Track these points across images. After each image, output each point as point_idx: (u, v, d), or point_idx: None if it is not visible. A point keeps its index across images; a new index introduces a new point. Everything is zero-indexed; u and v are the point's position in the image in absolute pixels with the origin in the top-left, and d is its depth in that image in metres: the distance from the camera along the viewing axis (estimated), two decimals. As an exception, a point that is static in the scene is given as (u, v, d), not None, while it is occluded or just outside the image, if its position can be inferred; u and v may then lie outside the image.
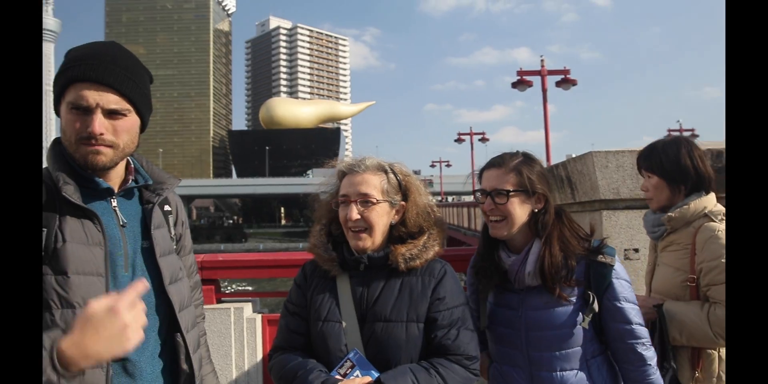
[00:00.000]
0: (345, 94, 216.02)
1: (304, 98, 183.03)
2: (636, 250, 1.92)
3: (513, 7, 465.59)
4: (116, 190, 1.58)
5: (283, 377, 1.81)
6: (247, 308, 3.53)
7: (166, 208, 1.73)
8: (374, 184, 1.88)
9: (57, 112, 1.52)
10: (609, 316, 1.89)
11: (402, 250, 1.86)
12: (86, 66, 1.44)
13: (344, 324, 1.83)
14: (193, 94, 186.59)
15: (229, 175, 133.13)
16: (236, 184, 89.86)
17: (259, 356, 3.45)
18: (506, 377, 1.98)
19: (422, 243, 1.89)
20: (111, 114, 1.47)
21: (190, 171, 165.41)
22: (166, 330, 1.61)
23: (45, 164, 1.49)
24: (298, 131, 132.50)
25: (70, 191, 1.45)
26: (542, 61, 19.18)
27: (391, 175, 1.92)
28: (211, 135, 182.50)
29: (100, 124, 1.45)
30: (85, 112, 1.45)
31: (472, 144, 33.70)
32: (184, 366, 1.62)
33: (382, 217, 1.88)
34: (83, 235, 1.45)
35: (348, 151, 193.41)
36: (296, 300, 1.98)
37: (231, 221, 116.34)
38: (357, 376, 1.73)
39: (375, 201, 1.86)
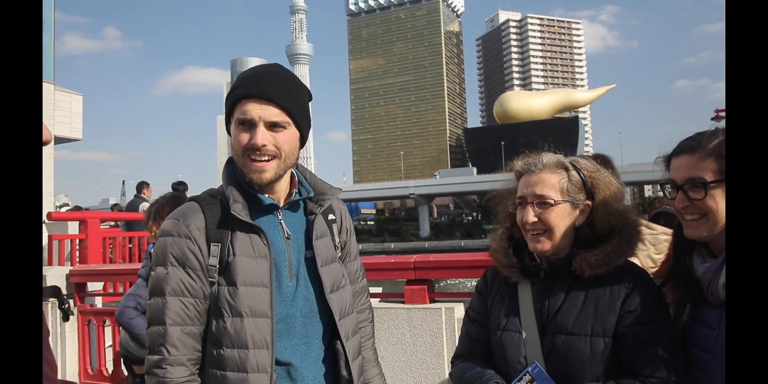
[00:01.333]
0: (582, 80, 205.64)
1: (538, 89, 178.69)
2: None
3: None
4: (281, 204, 1.68)
5: None
6: (458, 308, 3.55)
7: (330, 216, 1.78)
8: (552, 184, 1.73)
9: (228, 131, 1.63)
10: None
11: (587, 255, 1.68)
12: (250, 84, 1.56)
13: (524, 334, 1.71)
14: (429, 97, 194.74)
15: (467, 172, 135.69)
16: (474, 181, 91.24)
17: None
18: None
19: (611, 247, 1.68)
20: (272, 126, 1.56)
21: (429, 170, 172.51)
22: (329, 337, 1.68)
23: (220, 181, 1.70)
24: (533, 123, 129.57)
25: (239, 209, 1.57)
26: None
27: (573, 173, 1.75)
28: (448, 134, 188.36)
29: (262, 136, 1.55)
30: (249, 125, 1.55)
31: (733, 122, 29.45)
32: (344, 373, 1.68)
33: (563, 219, 1.72)
34: (251, 248, 1.57)
35: (588, 141, 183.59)
36: (477, 307, 1.91)
37: (470, 218, 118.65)
38: None
39: (553, 202, 1.71)
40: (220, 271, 1.56)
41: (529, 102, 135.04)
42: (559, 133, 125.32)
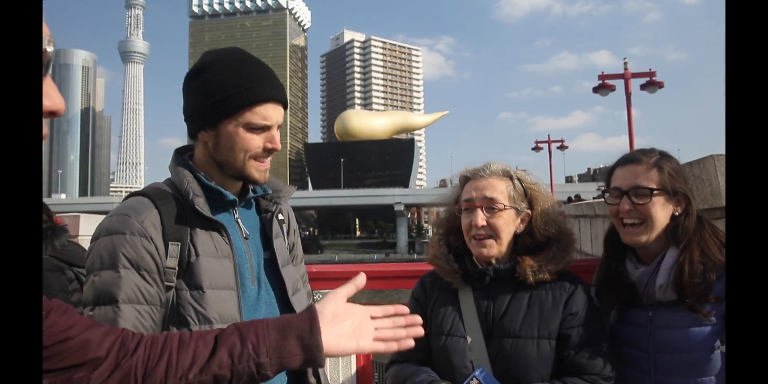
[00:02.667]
0: (419, 104, 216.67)
1: (378, 109, 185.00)
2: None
3: (591, 10, 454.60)
4: (239, 201, 1.55)
5: None
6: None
7: (280, 217, 1.68)
8: (500, 189, 1.77)
9: (203, 129, 1.47)
10: None
11: (530, 261, 1.73)
12: (269, 87, 1.46)
13: (469, 339, 1.73)
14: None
15: (305, 187, 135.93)
16: (312, 197, 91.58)
17: (353, 369, 3.37)
18: None
19: (552, 254, 1.76)
20: (263, 129, 1.48)
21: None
22: None
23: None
24: (373, 143, 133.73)
25: (201, 203, 1.42)
26: (625, 63, 18.34)
27: (516, 182, 1.81)
28: (288, 148, 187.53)
29: (278, 140, 1.48)
30: (264, 128, 1.45)
31: (550, 152, 32.73)
32: (312, 380, 1.60)
33: (508, 225, 1.76)
34: (213, 248, 1.42)
35: (422, 162, 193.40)
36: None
37: (307, 233, 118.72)
38: None
39: (502, 207, 1.75)
40: (179, 273, 1.38)
41: (369, 121, 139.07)
42: (396, 153, 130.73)
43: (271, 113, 1.45)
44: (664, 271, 1.68)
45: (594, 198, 11.25)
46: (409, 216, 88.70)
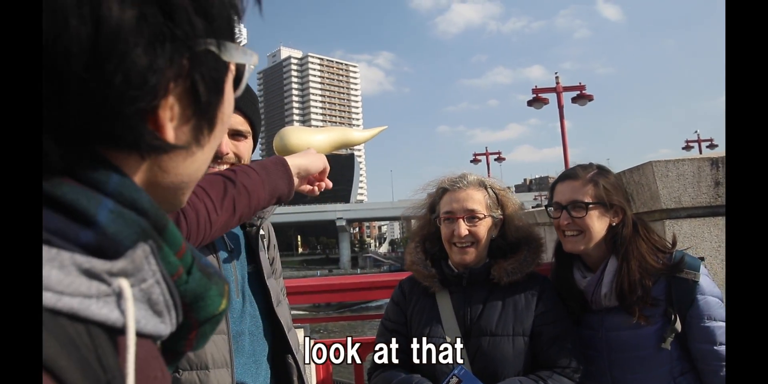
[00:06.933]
0: (357, 120, 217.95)
1: (317, 125, 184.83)
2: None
3: (523, 27, 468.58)
4: None
5: None
6: (300, 333, 3.41)
7: (261, 232, 1.70)
8: (479, 200, 1.88)
9: None
10: (692, 336, 1.74)
11: (504, 264, 1.85)
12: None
13: (448, 340, 1.81)
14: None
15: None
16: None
17: (314, 381, 3.35)
18: None
19: (523, 257, 1.88)
20: (235, 135, 1.53)
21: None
22: (277, 353, 1.61)
23: None
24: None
25: None
26: (557, 77, 19.09)
27: (490, 190, 1.93)
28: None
29: (226, 143, 1.50)
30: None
31: (488, 164, 33.54)
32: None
33: (487, 232, 1.88)
34: None
35: (363, 177, 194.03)
36: (395, 317, 1.99)
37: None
38: None
39: (482, 216, 1.86)
40: None
41: (308, 137, 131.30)
42: (337, 168, 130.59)
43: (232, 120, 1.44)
44: (607, 281, 1.81)
45: (533, 207, 11.58)
46: (351, 231, 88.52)
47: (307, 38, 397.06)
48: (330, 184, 1.60)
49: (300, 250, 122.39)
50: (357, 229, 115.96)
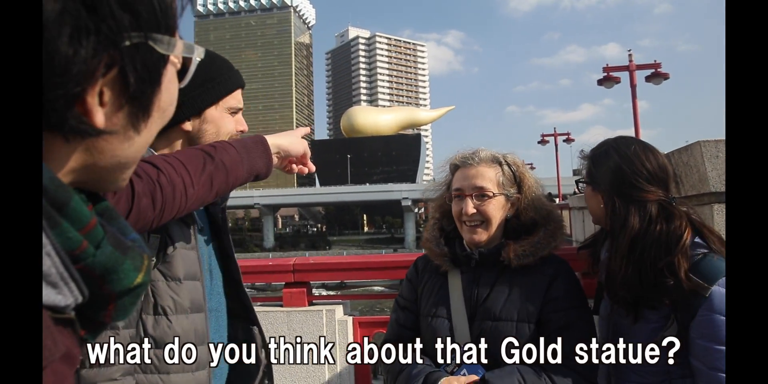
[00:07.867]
0: (425, 100, 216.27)
1: (384, 106, 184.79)
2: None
3: (599, 2, 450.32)
4: None
5: (391, 370, 1.80)
6: (339, 310, 3.54)
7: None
8: (489, 177, 1.80)
9: (187, 119, 1.53)
10: (690, 351, 1.58)
11: (515, 246, 1.76)
12: (237, 74, 1.61)
13: (454, 320, 1.79)
14: (277, 106, 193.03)
15: (312, 184, 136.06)
16: (319, 193, 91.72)
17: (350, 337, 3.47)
18: None
19: (537, 239, 1.78)
20: (239, 112, 1.64)
21: (275, 181, 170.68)
22: (242, 330, 1.66)
23: None
24: (379, 138, 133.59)
25: None
26: (630, 55, 18.30)
27: (506, 167, 1.84)
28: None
29: (239, 121, 1.63)
30: (236, 112, 1.61)
31: (556, 145, 32.71)
32: (262, 355, 1.66)
33: (498, 211, 1.80)
34: (183, 238, 1.45)
35: (429, 157, 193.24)
36: (407, 295, 1.97)
37: (315, 229, 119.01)
38: (464, 374, 1.67)
39: (491, 194, 1.79)
40: (156, 263, 1.41)
41: (374, 117, 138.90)
42: (403, 148, 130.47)
43: (241, 97, 1.62)
44: (602, 266, 1.80)
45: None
46: (417, 211, 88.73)
47: (376, 18, 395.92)
48: (313, 168, 1.63)
49: (365, 229, 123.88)
50: (423, 209, 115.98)
